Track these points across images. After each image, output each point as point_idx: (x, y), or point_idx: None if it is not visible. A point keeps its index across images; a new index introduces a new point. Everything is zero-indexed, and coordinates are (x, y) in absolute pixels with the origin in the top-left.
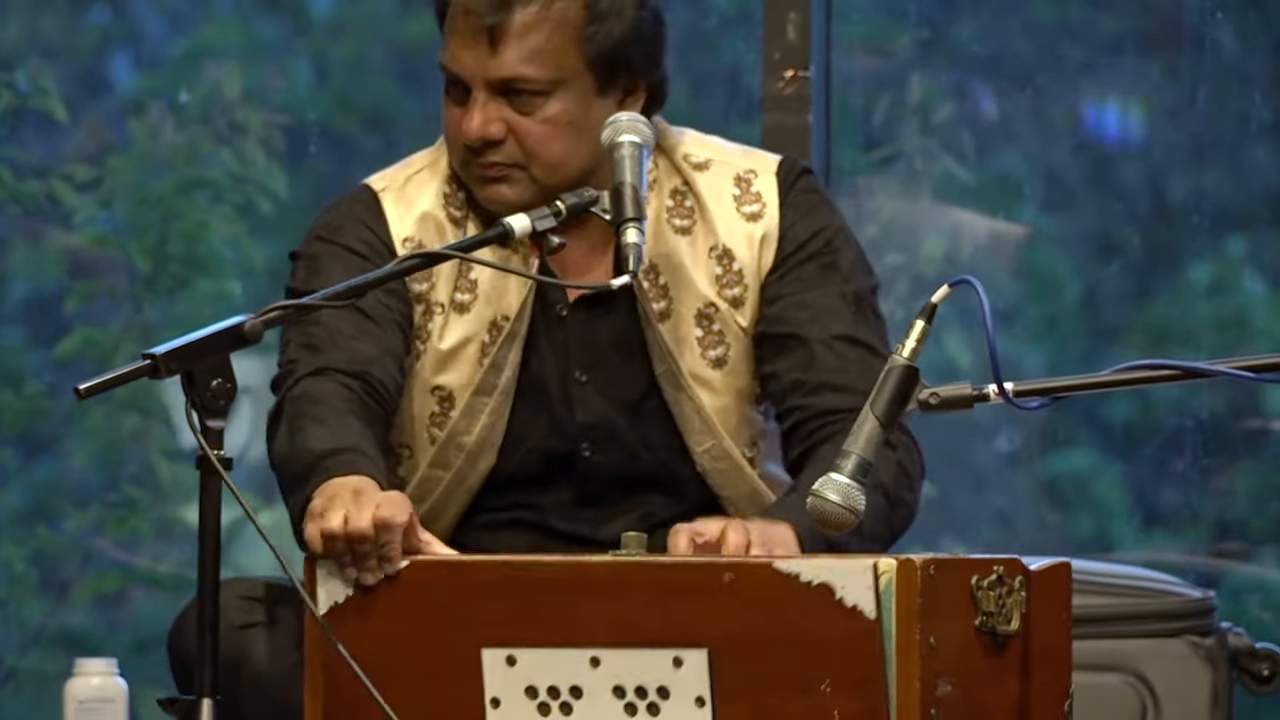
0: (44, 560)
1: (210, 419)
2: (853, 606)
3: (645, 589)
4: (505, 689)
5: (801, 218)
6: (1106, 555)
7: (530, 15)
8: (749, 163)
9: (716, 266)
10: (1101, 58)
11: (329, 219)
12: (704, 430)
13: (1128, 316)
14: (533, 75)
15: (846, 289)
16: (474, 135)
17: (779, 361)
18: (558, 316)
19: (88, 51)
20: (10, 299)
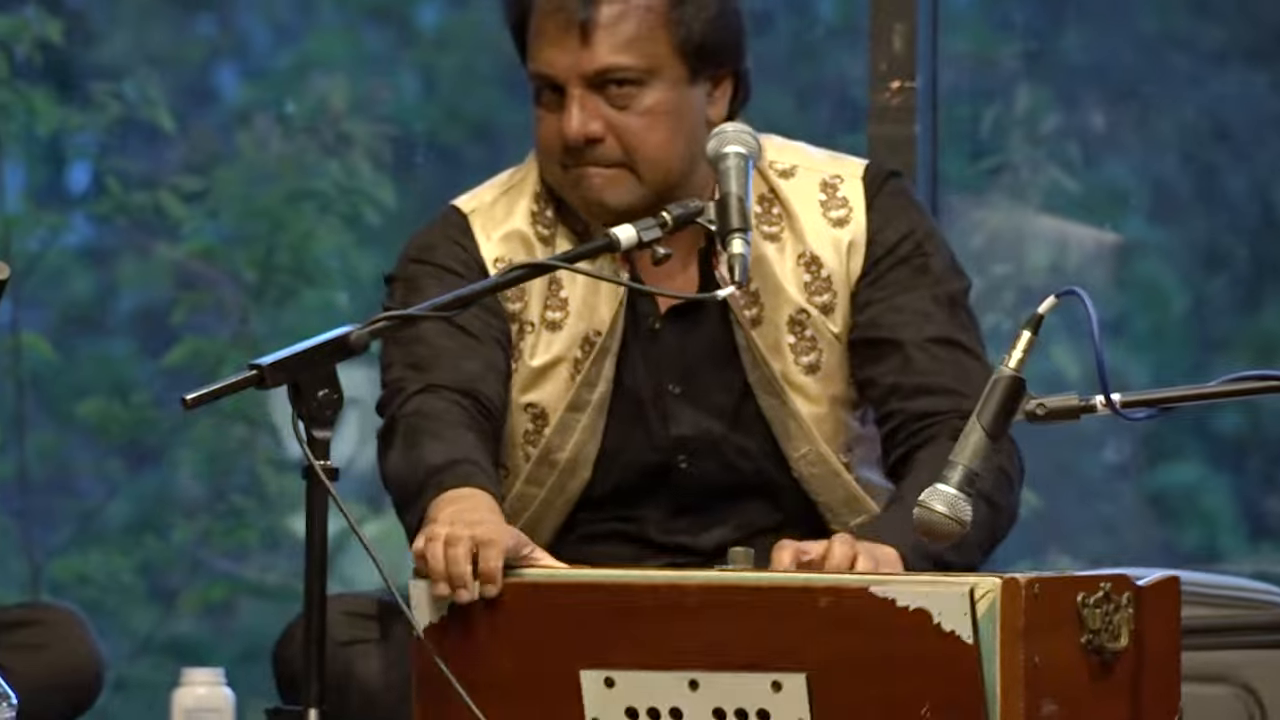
0: (152, 570)
1: (316, 429)
2: (950, 631)
3: (742, 612)
4: (605, 710)
5: (889, 221)
6: (1214, 566)
7: (617, 5)
8: (835, 168)
9: (805, 274)
10: (1207, 68)
11: (422, 240)
12: (800, 436)
13: (1235, 327)
14: (627, 64)
15: (939, 291)
16: (575, 133)
17: (875, 366)
18: (650, 330)
19: (194, 63)
20: (118, 310)
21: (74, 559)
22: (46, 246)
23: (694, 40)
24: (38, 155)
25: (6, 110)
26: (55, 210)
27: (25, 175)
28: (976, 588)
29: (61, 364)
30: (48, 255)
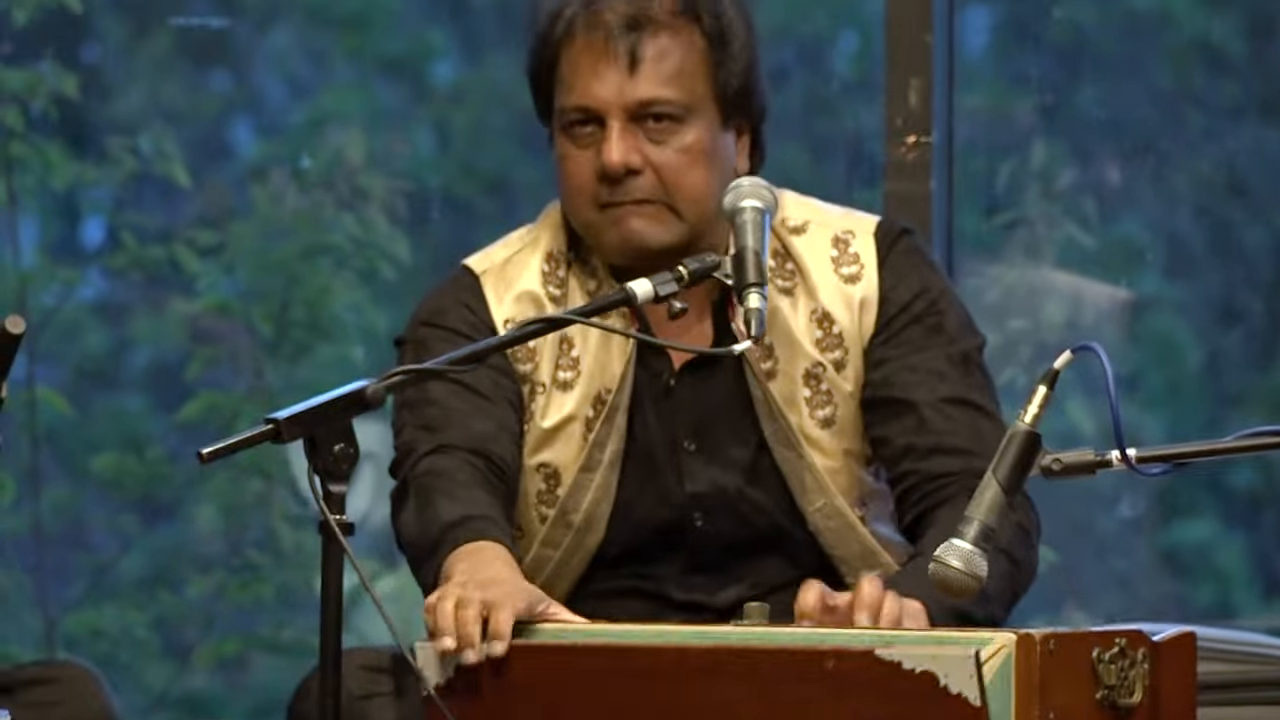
0: (166, 625)
1: (332, 484)
2: (957, 694)
3: (751, 674)
4: None
5: (902, 279)
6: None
7: (663, 38)
8: (847, 224)
9: (817, 330)
10: (1223, 123)
11: (432, 304)
12: (815, 489)
13: (1250, 383)
14: (671, 97)
15: (953, 350)
16: (617, 161)
17: (889, 426)
18: (665, 386)
19: (210, 117)
20: (133, 365)
21: (88, 614)
22: (61, 301)
23: (731, 85)
24: (52, 210)
25: (22, 164)
26: (70, 265)
27: (40, 230)
28: (983, 649)
29: (76, 419)
30: (63, 310)
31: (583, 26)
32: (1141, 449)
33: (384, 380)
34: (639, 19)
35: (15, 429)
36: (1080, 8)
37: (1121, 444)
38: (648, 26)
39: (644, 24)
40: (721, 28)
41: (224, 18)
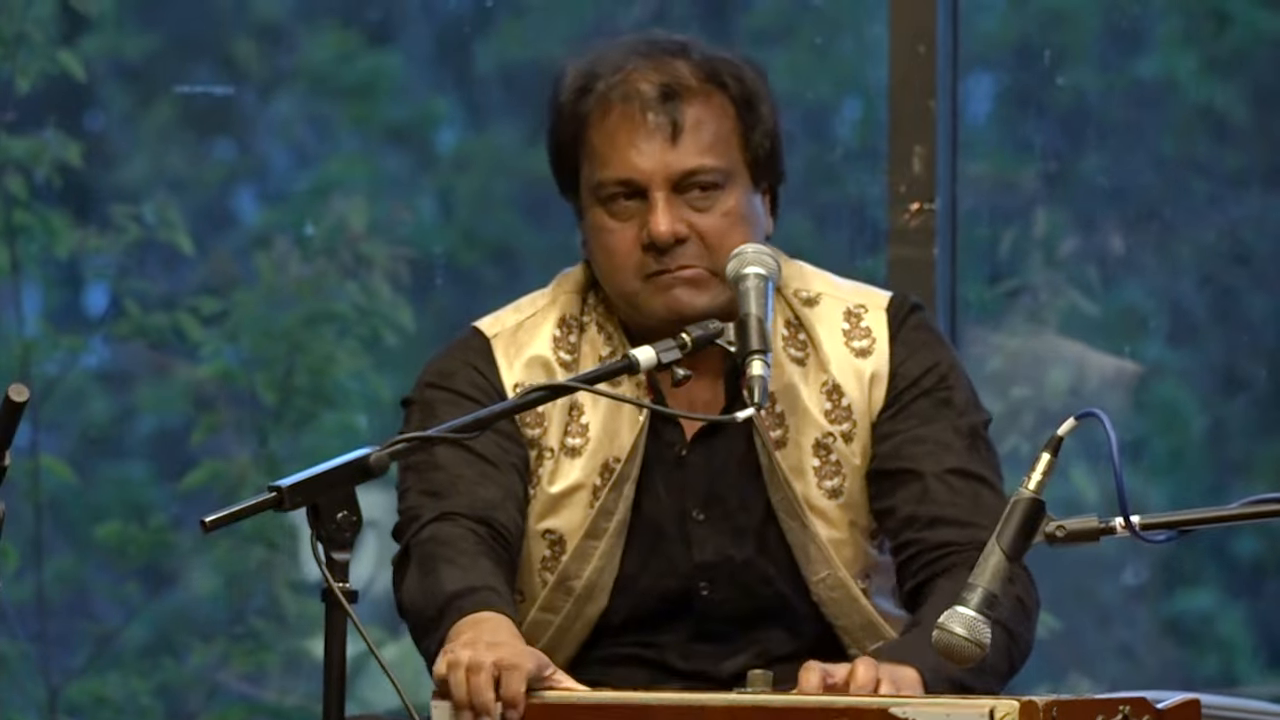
0: (169, 693)
1: (335, 551)
2: None
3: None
4: None
5: (913, 354)
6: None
7: (697, 108)
8: (859, 298)
9: (826, 401)
10: (1226, 191)
11: (440, 366)
12: (819, 560)
13: (1255, 450)
14: (713, 165)
15: (960, 423)
16: (667, 233)
17: (894, 496)
18: (677, 457)
19: (213, 185)
20: (136, 433)
21: (91, 682)
22: (65, 369)
23: (760, 149)
24: (56, 278)
25: (25, 232)
26: (73, 332)
27: (43, 297)
28: (996, 709)
29: (80, 487)
30: (66, 378)
31: (617, 99)
32: (1145, 516)
33: (387, 448)
34: (674, 88)
35: (18, 497)
36: (1083, 75)
37: (1125, 511)
38: (683, 95)
39: (679, 93)
40: (747, 93)
41: (228, 86)
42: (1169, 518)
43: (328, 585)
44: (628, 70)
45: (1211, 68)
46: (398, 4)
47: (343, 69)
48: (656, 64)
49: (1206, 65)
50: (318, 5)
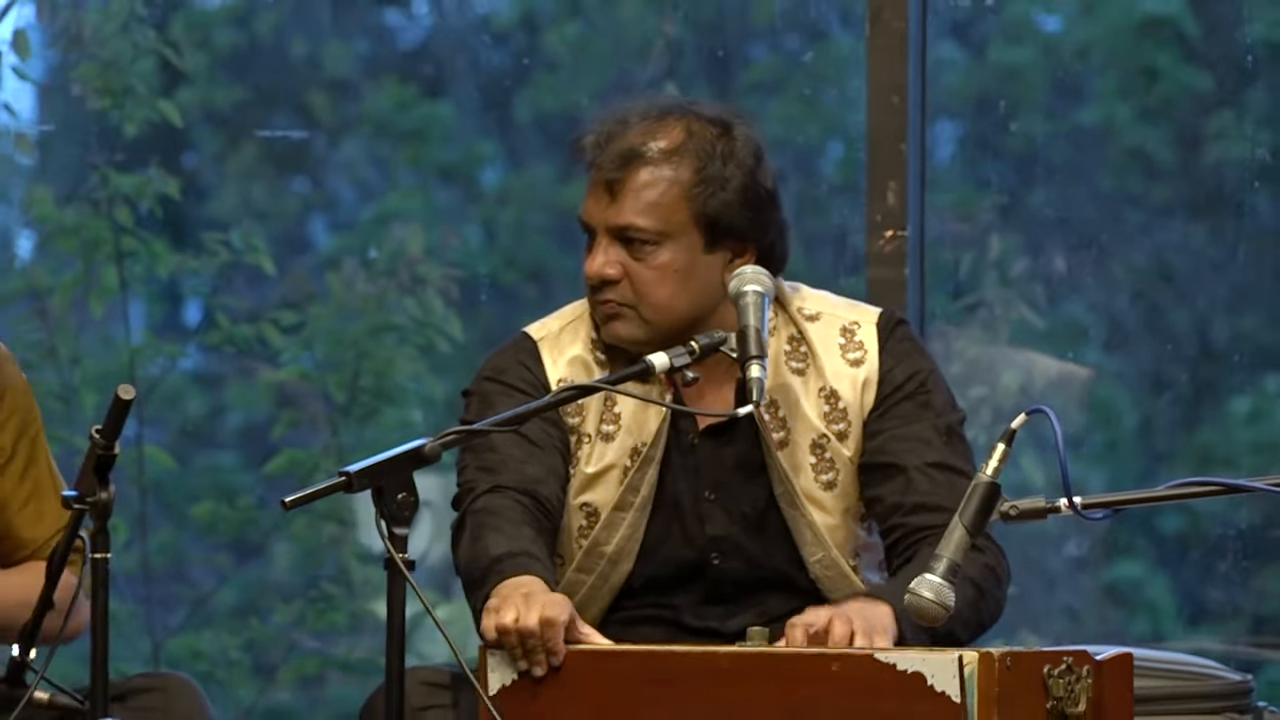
0: (254, 648)
1: (396, 527)
2: (941, 692)
3: (766, 678)
4: None
5: (898, 363)
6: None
7: (647, 174)
8: (853, 315)
9: (824, 405)
10: (1155, 220)
11: (496, 363)
12: (815, 543)
13: (1178, 442)
14: (643, 225)
15: (939, 422)
16: (593, 274)
17: (881, 486)
18: (690, 444)
19: (291, 216)
20: (226, 426)
21: (189, 638)
22: (165, 372)
23: (710, 216)
24: (157, 294)
25: (132, 256)
26: (173, 341)
27: (147, 311)
28: (963, 658)
29: (178, 472)
30: (166, 379)
31: (599, 155)
32: (1085, 497)
33: (439, 439)
34: (633, 154)
35: (126, 481)
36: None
37: (1069, 493)
38: (639, 161)
39: (636, 159)
40: (715, 165)
41: (303, 130)
42: (1105, 499)
43: (390, 556)
44: (612, 132)
45: (1142, 116)
46: (448, 61)
47: (401, 117)
48: (640, 129)
49: (1138, 114)
50: (380, 62)
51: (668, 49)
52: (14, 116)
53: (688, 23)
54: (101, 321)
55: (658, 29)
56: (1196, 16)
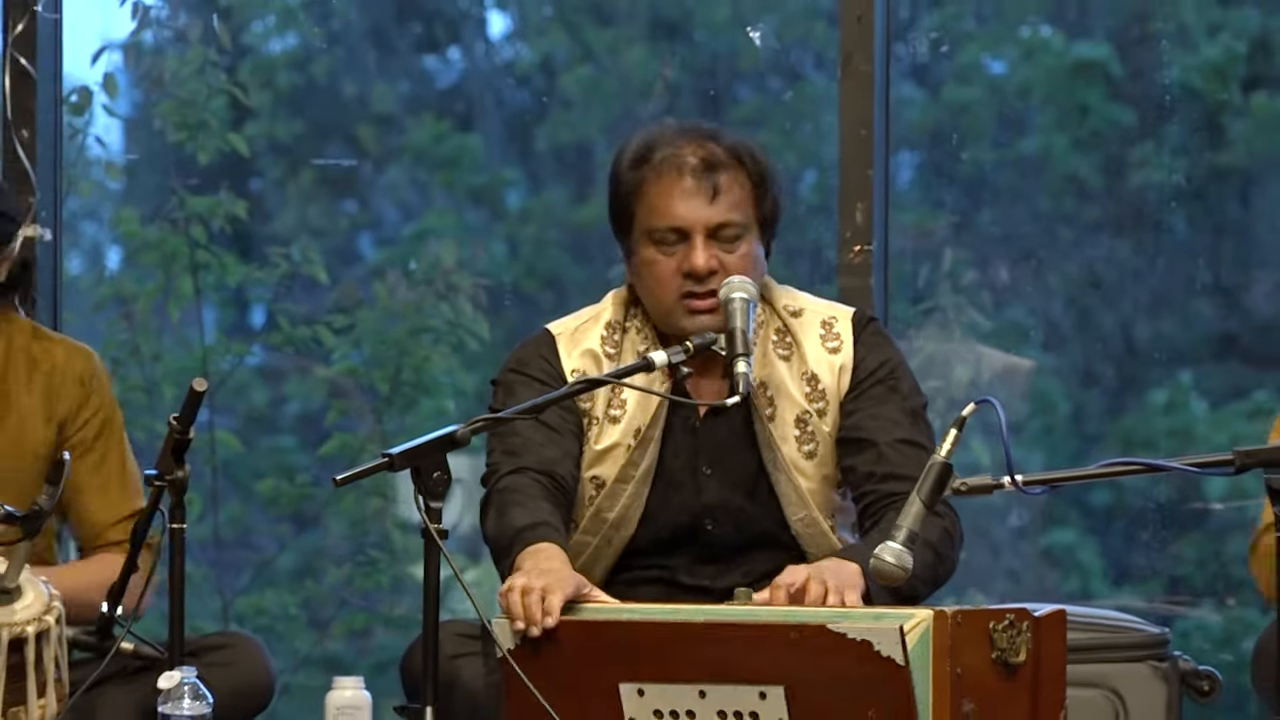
0: (310, 605)
1: (432, 501)
2: (887, 657)
3: (736, 643)
4: (638, 712)
5: (870, 352)
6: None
7: (728, 178)
8: (831, 311)
9: (806, 386)
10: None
11: (519, 355)
12: (799, 504)
13: (1105, 428)
14: (736, 220)
15: (905, 405)
16: (705, 265)
17: (856, 458)
18: (692, 427)
19: (342, 233)
20: (286, 414)
21: (253, 597)
22: (234, 367)
23: (767, 210)
24: (227, 301)
25: (205, 268)
26: (240, 341)
27: (218, 315)
28: (906, 624)
29: (244, 453)
30: (235, 373)
31: (670, 167)
32: (1026, 475)
33: (469, 426)
34: (712, 161)
35: (200, 461)
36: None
37: (1011, 472)
38: (719, 167)
39: (717, 166)
40: (761, 171)
41: (353, 159)
42: (1043, 476)
43: (426, 526)
44: (678, 146)
45: (1075, 146)
46: (477, 100)
47: (437, 147)
48: (697, 143)
49: (1071, 144)
50: (419, 101)
51: (667, 89)
52: (104, 148)
53: (684, 67)
54: (179, 324)
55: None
56: (1122, 61)
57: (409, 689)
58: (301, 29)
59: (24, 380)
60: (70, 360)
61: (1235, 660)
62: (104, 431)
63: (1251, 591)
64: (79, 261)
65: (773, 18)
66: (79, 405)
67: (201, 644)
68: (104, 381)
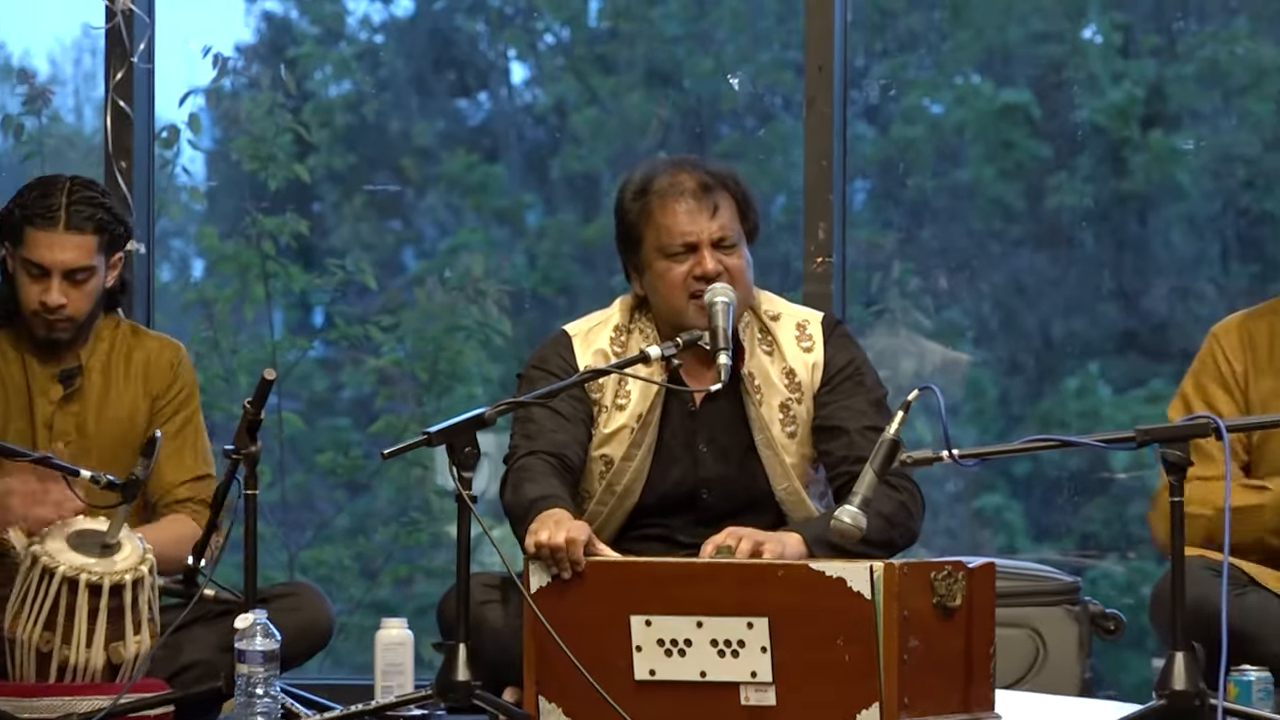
0: (362, 558)
1: (464, 472)
2: (858, 592)
3: (730, 582)
4: (645, 640)
5: (838, 352)
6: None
7: (723, 198)
8: (804, 315)
9: (785, 379)
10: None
11: (541, 354)
12: (783, 476)
13: (1025, 410)
14: (733, 232)
15: (870, 397)
16: (713, 270)
17: (830, 443)
18: (690, 411)
19: (388, 247)
20: (342, 398)
21: (314, 551)
22: (298, 359)
23: (750, 226)
24: (293, 304)
25: (275, 276)
26: (304, 337)
27: (285, 316)
28: (873, 568)
29: (307, 432)
30: (299, 365)
31: (674, 193)
32: (961, 450)
33: (494, 409)
34: (708, 185)
35: (270, 438)
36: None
37: (949, 447)
38: (714, 189)
39: (713, 188)
40: (743, 193)
41: (397, 186)
42: (975, 451)
43: (459, 492)
44: (675, 175)
45: (1001, 175)
46: (502, 136)
47: (468, 175)
48: (690, 171)
49: (998, 174)
50: (452, 137)
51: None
52: (189, 176)
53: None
54: (252, 323)
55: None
56: (1040, 104)
57: (444, 629)
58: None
59: (124, 369)
60: (162, 351)
61: (1136, 603)
62: (183, 408)
63: (1149, 547)
64: (168, 271)
65: (749, 67)
66: (167, 385)
67: (271, 592)
68: (188, 368)
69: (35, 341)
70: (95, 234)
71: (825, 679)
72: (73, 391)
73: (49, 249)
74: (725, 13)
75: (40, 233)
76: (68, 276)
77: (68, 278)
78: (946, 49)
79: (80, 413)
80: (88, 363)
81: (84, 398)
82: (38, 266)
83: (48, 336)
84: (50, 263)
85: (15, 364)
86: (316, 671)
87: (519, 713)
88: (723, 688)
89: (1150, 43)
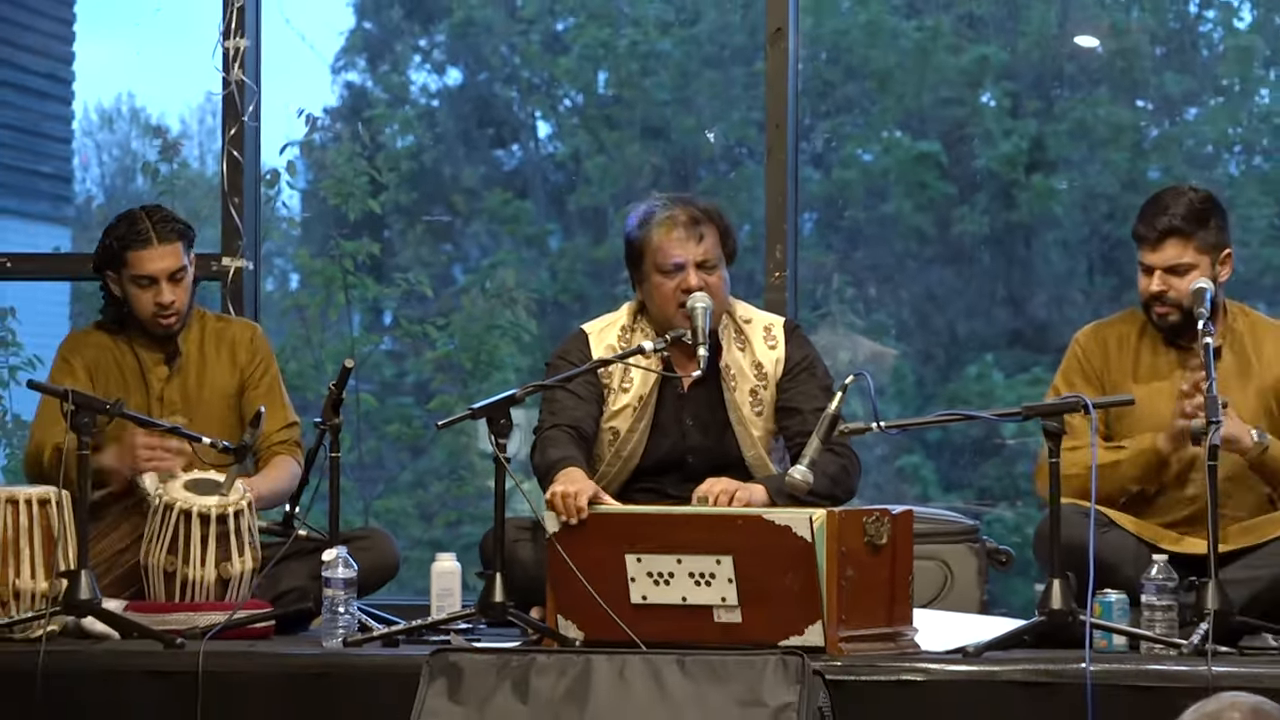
0: (422, 506)
1: (500, 439)
2: (801, 536)
3: (703, 528)
4: (638, 573)
5: (796, 350)
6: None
7: (708, 229)
8: (770, 320)
9: (754, 370)
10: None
11: (564, 348)
12: (751, 446)
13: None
14: (714, 256)
15: (820, 384)
16: (696, 284)
17: (789, 421)
18: (680, 394)
19: (442, 265)
20: (406, 383)
21: (385, 501)
22: (371, 351)
23: (729, 250)
24: (367, 309)
25: (354, 287)
26: (376, 334)
27: (361, 318)
28: (814, 516)
29: (378, 408)
30: (372, 356)
31: (669, 224)
32: (887, 421)
33: (523, 391)
34: (697, 219)
35: (350, 413)
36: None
37: (877, 420)
38: (701, 222)
39: (700, 221)
40: (725, 225)
41: (449, 217)
42: (898, 422)
43: (496, 455)
44: (670, 210)
45: (917, 209)
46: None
47: (503, 208)
48: (682, 207)
49: (915, 208)
50: (491, 179)
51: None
52: (288, 209)
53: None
54: (335, 323)
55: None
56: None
57: (485, 561)
58: (416, 132)
59: (214, 350)
60: (242, 331)
61: (1022, 541)
62: (266, 373)
63: (1032, 497)
64: (271, 283)
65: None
66: (250, 357)
67: (350, 533)
68: (263, 342)
69: (143, 336)
70: (179, 240)
71: (779, 602)
72: (175, 370)
73: (151, 261)
74: (704, 83)
75: (140, 252)
76: (170, 279)
77: (170, 280)
78: (875, 110)
79: (183, 385)
80: (184, 346)
81: (184, 374)
82: (146, 278)
83: (165, 332)
84: (156, 271)
85: (128, 354)
86: (386, 594)
87: (542, 626)
88: (700, 609)
89: (1033, 106)
